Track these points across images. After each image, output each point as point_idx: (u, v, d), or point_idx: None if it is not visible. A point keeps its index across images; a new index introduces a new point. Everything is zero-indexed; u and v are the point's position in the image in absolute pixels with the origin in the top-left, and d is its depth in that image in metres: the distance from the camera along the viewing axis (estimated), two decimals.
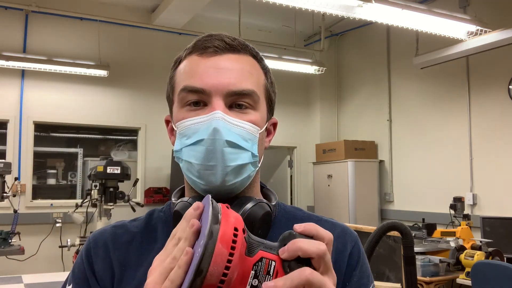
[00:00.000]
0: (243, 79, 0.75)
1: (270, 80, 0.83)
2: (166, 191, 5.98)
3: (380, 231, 1.41)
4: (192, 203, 0.67)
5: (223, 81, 0.74)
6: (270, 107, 0.82)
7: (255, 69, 0.79)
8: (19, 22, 5.36)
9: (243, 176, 0.74)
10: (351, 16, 3.72)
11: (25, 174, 5.27)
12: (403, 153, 5.85)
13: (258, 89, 0.78)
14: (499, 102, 4.73)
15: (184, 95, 0.76)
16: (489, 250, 3.65)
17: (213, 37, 0.78)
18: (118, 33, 5.79)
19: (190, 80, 0.75)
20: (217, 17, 6.11)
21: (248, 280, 0.52)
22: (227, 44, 0.77)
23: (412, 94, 5.75)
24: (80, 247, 4.12)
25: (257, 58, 0.81)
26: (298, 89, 6.78)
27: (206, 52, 0.76)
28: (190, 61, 0.78)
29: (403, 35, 5.19)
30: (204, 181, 0.73)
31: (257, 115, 0.77)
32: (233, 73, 0.75)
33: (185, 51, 0.80)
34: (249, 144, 0.74)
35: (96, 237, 0.82)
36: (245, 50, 0.79)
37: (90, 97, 5.63)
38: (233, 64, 0.76)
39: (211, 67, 0.75)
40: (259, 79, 0.79)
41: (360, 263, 0.80)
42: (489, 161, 4.79)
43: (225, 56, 0.76)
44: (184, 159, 0.75)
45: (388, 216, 5.93)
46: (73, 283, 0.78)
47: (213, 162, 0.72)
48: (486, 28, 4.12)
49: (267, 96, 0.81)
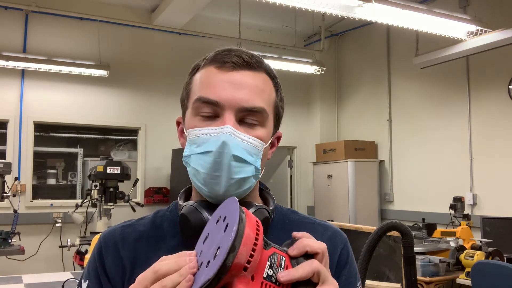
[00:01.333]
0: (255, 96, 0.79)
1: (280, 97, 0.87)
2: (166, 191, 5.98)
3: (380, 231, 1.41)
4: (197, 208, 0.78)
5: (237, 96, 0.78)
6: (277, 122, 0.87)
7: (268, 87, 0.83)
8: (19, 22, 5.36)
9: (245, 187, 0.80)
10: (351, 16, 3.72)
11: (25, 174, 5.27)
12: (403, 153, 5.85)
13: (268, 106, 0.82)
14: (499, 102, 4.73)
15: (198, 105, 0.80)
16: (489, 250, 3.65)
17: (232, 52, 0.82)
18: (118, 33, 5.79)
19: (206, 91, 0.79)
20: (217, 17, 6.11)
21: (265, 270, 0.59)
22: (244, 61, 0.81)
23: (412, 94, 5.75)
24: (80, 247, 4.12)
25: (271, 76, 0.85)
26: (298, 89, 6.78)
27: (224, 67, 0.80)
28: (208, 72, 0.82)
29: (403, 35, 5.20)
30: (208, 189, 0.78)
31: (264, 131, 0.81)
32: (247, 89, 0.79)
33: (204, 60, 0.84)
34: (254, 159, 0.79)
35: (106, 236, 0.86)
36: (261, 68, 0.83)
37: (90, 97, 5.63)
38: (248, 81, 0.80)
39: (227, 82, 0.79)
40: (270, 96, 0.83)
41: (349, 263, 0.87)
42: (489, 161, 4.79)
43: (241, 72, 0.80)
44: (192, 165, 0.79)
45: (388, 216, 5.93)
46: (88, 280, 0.83)
47: (219, 173, 0.76)
48: (486, 28, 4.12)
49: (275, 113, 0.86)
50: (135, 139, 6.07)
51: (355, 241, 2.19)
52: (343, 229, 2.55)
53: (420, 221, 4.87)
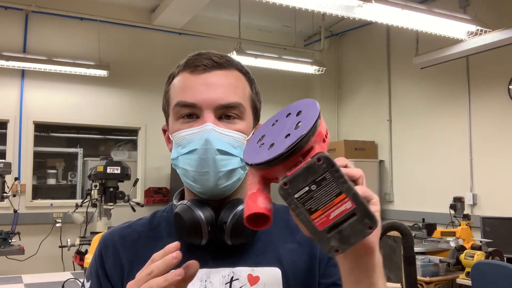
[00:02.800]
0: (230, 93, 0.84)
1: (255, 90, 0.91)
2: (166, 191, 5.98)
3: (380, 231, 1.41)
4: (190, 206, 0.82)
5: (213, 96, 0.83)
6: (256, 115, 0.91)
7: (241, 83, 0.88)
8: (19, 22, 5.36)
9: (234, 179, 0.84)
10: (351, 16, 3.72)
11: (25, 174, 5.27)
12: (403, 153, 5.85)
13: (244, 101, 0.86)
14: (499, 102, 4.73)
15: (178, 109, 0.85)
16: (489, 250, 3.65)
17: (202, 55, 0.87)
18: (118, 33, 5.79)
19: (183, 96, 0.84)
20: (217, 17, 6.11)
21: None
22: (214, 62, 0.85)
23: (412, 94, 5.75)
24: (80, 247, 4.11)
25: (242, 72, 0.89)
26: (298, 89, 6.78)
27: (197, 70, 0.85)
28: (182, 77, 0.87)
29: (403, 35, 5.19)
30: (199, 185, 0.83)
31: (243, 124, 0.85)
32: (221, 88, 0.84)
33: (177, 67, 0.89)
34: (238, 151, 0.83)
35: (106, 238, 0.90)
36: (231, 66, 0.87)
37: (90, 97, 5.63)
38: (221, 80, 0.84)
39: (201, 84, 0.84)
40: (244, 91, 0.88)
41: None
42: (489, 161, 4.79)
43: (213, 72, 0.85)
44: (181, 166, 0.84)
45: (388, 216, 5.93)
46: (90, 281, 0.87)
47: (206, 168, 0.81)
48: (486, 28, 4.12)
49: (252, 106, 0.90)
50: (135, 139, 6.07)
51: None
52: None
53: (420, 221, 4.87)
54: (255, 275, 0.83)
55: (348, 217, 0.55)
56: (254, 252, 0.85)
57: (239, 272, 0.83)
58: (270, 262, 0.85)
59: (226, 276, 0.82)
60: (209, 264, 0.82)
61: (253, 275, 0.83)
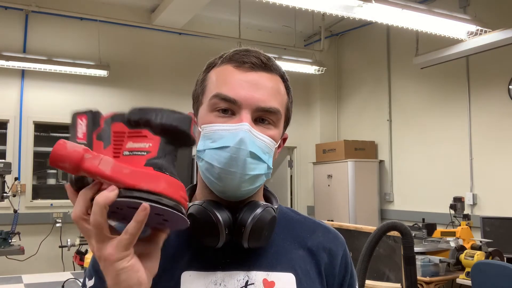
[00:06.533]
0: (271, 97, 0.81)
1: (291, 99, 0.89)
2: None
3: (380, 231, 1.41)
4: (206, 207, 0.78)
5: (255, 96, 0.80)
6: (286, 124, 0.89)
7: (282, 90, 0.85)
8: (19, 22, 5.36)
9: (256, 185, 0.81)
10: (351, 16, 3.72)
11: (25, 174, 5.27)
12: (403, 153, 5.85)
13: (281, 108, 0.84)
14: (499, 102, 4.73)
15: (215, 101, 0.81)
16: (489, 250, 3.65)
17: (251, 53, 0.83)
18: (118, 33, 5.79)
19: (224, 89, 0.80)
20: (217, 17, 6.11)
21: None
22: (262, 62, 0.82)
23: (412, 94, 5.75)
24: (80, 247, 4.11)
25: (283, 79, 0.87)
26: (298, 89, 6.77)
27: (243, 66, 0.82)
28: (225, 70, 0.83)
29: (403, 35, 5.20)
30: (222, 184, 0.79)
31: (276, 131, 0.83)
32: (264, 90, 0.81)
33: (220, 58, 0.85)
34: (267, 157, 0.80)
35: None
36: (276, 70, 0.85)
37: (90, 97, 5.63)
38: (266, 82, 0.82)
39: (245, 81, 0.81)
40: (283, 98, 0.85)
41: (349, 265, 0.92)
42: (489, 161, 4.79)
43: (259, 73, 0.82)
44: (206, 160, 0.79)
45: (388, 216, 5.93)
46: (94, 278, 0.83)
47: (234, 168, 0.77)
48: (486, 28, 4.12)
49: (286, 115, 0.87)
50: None
51: (355, 241, 2.19)
52: (343, 229, 2.56)
53: (420, 221, 4.87)
54: (270, 280, 0.81)
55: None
56: (268, 257, 0.84)
57: (254, 277, 0.81)
58: (285, 267, 0.83)
59: (241, 280, 0.80)
60: (224, 267, 0.81)
61: (268, 280, 0.81)
